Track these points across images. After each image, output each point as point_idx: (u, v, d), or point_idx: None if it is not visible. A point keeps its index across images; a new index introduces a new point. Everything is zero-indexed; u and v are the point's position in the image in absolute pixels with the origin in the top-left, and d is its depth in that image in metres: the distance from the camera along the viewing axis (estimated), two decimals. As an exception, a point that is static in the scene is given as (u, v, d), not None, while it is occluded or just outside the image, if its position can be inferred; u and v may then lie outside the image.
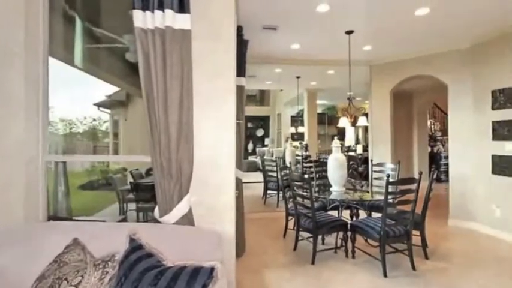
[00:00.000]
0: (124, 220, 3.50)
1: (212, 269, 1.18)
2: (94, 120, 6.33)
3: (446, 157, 5.51)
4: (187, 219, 1.81)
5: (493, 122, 3.63)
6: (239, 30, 2.93)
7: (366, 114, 5.43)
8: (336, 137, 4.07)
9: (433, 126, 8.48)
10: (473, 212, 3.91)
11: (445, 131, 7.81)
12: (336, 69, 5.30)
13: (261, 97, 13.40)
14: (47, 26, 2.06)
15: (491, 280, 2.52)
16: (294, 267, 2.83)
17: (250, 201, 5.46)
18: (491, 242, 3.45)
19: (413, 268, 2.70)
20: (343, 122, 4.09)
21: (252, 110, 12.58)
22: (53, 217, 2.35)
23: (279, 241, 3.57)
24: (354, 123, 4.06)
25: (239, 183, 2.89)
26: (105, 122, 6.31)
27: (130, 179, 4.03)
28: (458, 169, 4.10)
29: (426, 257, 2.95)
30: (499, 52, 3.48)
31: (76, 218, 2.85)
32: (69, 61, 3.22)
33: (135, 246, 1.35)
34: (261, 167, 6.52)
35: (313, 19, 3.17)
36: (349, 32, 3.53)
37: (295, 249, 3.21)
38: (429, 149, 7.42)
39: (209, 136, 1.96)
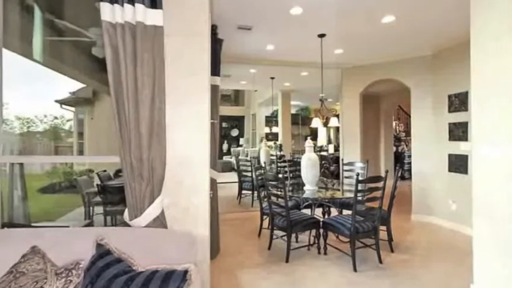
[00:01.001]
0: (90, 225, 3.30)
1: (185, 272, 1.16)
2: (56, 118, 5.88)
3: (410, 156, 5.90)
4: (160, 221, 1.75)
5: (450, 124, 3.95)
6: (213, 28, 2.90)
7: (338, 115, 5.64)
8: (309, 137, 4.18)
9: (397, 127, 9.02)
10: (433, 207, 4.23)
11: (408, 132, 8.37)
12: (309, 71, 5.44)
13: (236, 97, 13.38)
14: (0, 14, 1.88)
15: (448, 269, 2.74)
16: (268, 266, 2.86)
17: (225, 201, 5.42)
18: (449, 234, 3.75)
19: (380, 261, 2.85)
20: (316, 122, 4.21)
21: (226, 110, 12.51)
22: (8, 224, 2.15)
23: (253, 240, 3.58)
24: (326, 124, 4.20)
25: (214, 184, 2.86)
26: (68, 120, 5.89)
27: (97, 181, 3.81)
28: (419, 167, 4.41)
29: (392, 250, 3.14)
30: (456, 60, 3.80)
31: (35, 225, 2.63)
32: (28, 54, 2.97)
33: (103, 252, 1.28)
34: (235, 167, 6.50)
35: (287, 21, 3.22)
36: (321, 36, 3.65)
37: (269, 248, 3.25)
38: (394, 148, 7.89)
39: (183, 135, 1.92)
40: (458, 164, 3.83)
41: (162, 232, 1.68)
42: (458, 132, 3.82)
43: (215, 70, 2.86)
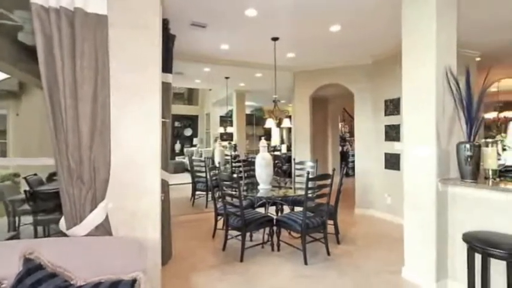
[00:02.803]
0: (15, 237, 2.86)
1: (133, 281, 1.08)
2: (-31, 113, 4.95)
3: (353, 155, 6.44)
4: (103, 228, 1.60)
5: (386, 126, 4.43)
6: (165, 23, 2.77)
7: (290, 117, 5.87)
8: (263, 138, 4.27)
9: (343, 129, 9.79)
10: (372, 201, 4.69)
11: (352, 133, 9.13)
12: (263, 73, 5.56)
13: (189, 96, 12.97)
14: None
15: (385, 255, 3.07)
16: (223, 267, 2.84)
17: (178, 203, 5.22)
18: (385, 224, 4.20)
19: (328, 253, 3.06)
20: (270, 123, 4.33)
21: (179, 109, 12.05)
22: None
23: (208, 242, 3.52)
24: (279, 125, 4.34)
25: (165, 186, 2.73)
26: (-14, 116, 5.01)
27: (25, 187, 3.31)
28: (361, 165, 4.85)
29: (338, 242, 3.39)
30: (391, 68, 4.27)
31: None
32: None
33: (32, 267, 1.12)
34: (189, 168, 6.30)
35: (242, 22, 3.24)
36: (275, 39, 3.76)
37: (224, 248, 3.23)
38: (340, 148, 8.54)
39: (131, 135, 1.79)
40: (393, 162, 4.32)
41: (106, 240, 1.54)
42: (393, 133, 4.31)
43: (167, 67, 2.73)
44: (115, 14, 1.70)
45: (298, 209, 3.58)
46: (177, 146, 12.42)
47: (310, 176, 2.87)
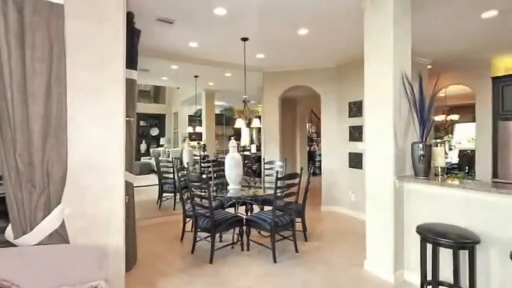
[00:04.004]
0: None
1: (94, 290, 1.01)
2: None
3: (320, 155, 6.70)
4: (59, 236, 1.48)
5: (350, 127, 4.68)
6: (129, 16, 2.63)
7: (260, 117, 5.92)
8: (233, 137, 4.25)
9: (310, 129, 10.13)
10: (338, 198, 4.92)
11: (319, 133, 9.48)
12: (233, 73, 5.53)
13: (156, 94, 12.46)
14: None
15: (349, 250, 3.23)
16: (192, 270, 2.77)
17: (144, 206, 4.99)
18: (350, 220, 4.43)
19: (296, 251, 3.14)
20: (239, 123, 4.32)
21: (145, 107, 11.51)
22: None
23: (176, 245, 3.41)
24: (249, 125, 4.35)
25: (129, 188, 2.59)
26: None
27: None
28: (328, 164, 5.06)
29: (306, 239, 3.50)
30: (354, 73, 4.51)
31: None
32: None
33: (-28, 282, 1.00)
34: (155, 169, 6.06)
35: (211, 20, 3.19)
36: (244, 39, 3.76)
37: (193, 251, 3.16)
38: (307, 148, 8.83)
39: (91, 134, 1.67)
40: (356, 161, 4.58)
41: (62, 248, 1.42)
42: (356, 134, 4.56)
43: (131, 63, 2.59)
44: (73, 4, 1.57)
45: (267, 208, 3.62)
46: (143, 146, 11.87)
47: (280, 176, 2.92)
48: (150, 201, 5.43)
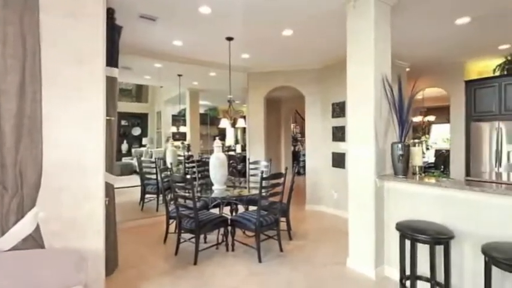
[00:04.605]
0: None
1: (71, 297, 0.97)
2: None
3: (304, 155, 6.80)
4: (33, 241, 1.41)
5: (333, 127, 4.77)
6: (110, 12, 2.55)
7: (245, 117, 5.92)
8: (217, 137, 4.22)
9: (295, 129, 10.25)
10: (321, 197, 5.01)
11: (303, 134, 9.61)
12: (217, 72, 5.49)
13: (138, 92, 12.14)
14: None
15: (332, 248, 3.30)
16: (175, 272, 2.73)
17: (125, 208, 4.85)
18: (333, 219, 4.52)
19: (281, 250, 3.17)
20: (224, 123, 4.30)
21: (127, 106, 11.19)
22: None
23: (159, 248, 3.34)
24: (233, 125, 4.34)
25: (110, 189, 2.50)
26: None
27: None
28: (312, 164, 5.14)
29: (290, 238, 3.54)
30: (337, 74, 4.61)
31: None
32: None
33: None
34: (138, 169, 5.90)
35: (195, 19, 3.15)
36: (229, 39, 3.74)
37: (176, 253, 3.11)
38: (292, 148, 8.92)
39: (68, 134, 1.60)
40: (339, 161, 4.68)
41: (37, 253, 1.36)
42: (339, 134, 4.66)
43: (112, 60, 2.51)
44: (48, -3, 1.50)
45: (252, 208, 3.63)
46: (124, 146, 11.53)
47: (264, 175, 2.93)
48: (132, 203, 5.29)
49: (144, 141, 11.61)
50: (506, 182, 4.15)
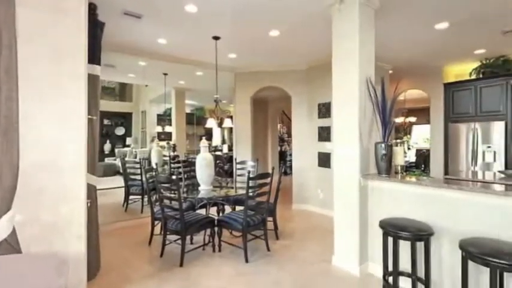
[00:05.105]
0: None
1: (51, 303, 0.93)
2: None
3: (291, 154, 6.85)
4: (8, 246, 1.34)
5: (319, 128, 4.84)
6: (92, 8, 2.47)
7: (231, 117, 5.90)
8: (204, 137, 4.18)
9: (281, 129, 10.31)
10: (308, 197, 5.07)
11: (290, 134, 9.69)
12: (204, 71, 5.44)
13: (122, 91, 11.83)
14: None
15: (318, 246, 3.35)
16: (161, 274, 2.68)
17: (108, 210, 4.72)
18: (319, 218, 4.58)
19: (268, 249, 3.18)
20: (211, 123, 4.27)
21: (110, 105, 10.88)
22: None
23: (143, 250, 3.27)
24: (220, 125, 4.31)
25: (92, 191, 2.42)
26: None
27: None
28: (298, 164, 5.19)
29: (277, 238, 3.56)
30: (323, 75, 4.68)
31: None
32: None
33: None
34: (121, 170, 5.75)
35: (181, 17, 3.11)
36: (216, 38, 3.72)
37: (162, 255, 3.05)
38: (279, 148, 8.98)
39: (48, 134, 1.54)
40: (325, 160, 4.75)
41: (13, 259, 1.30)
42: (325, 134, 4.74)
43: (94, 57, 2.43)
44: (25, -10, 1.44)
45: (239, 208, 3.62)
46: (107, 146, 11.20)
47: (251, 175, 2.93)
48: (115, 204, 5.15)
49: (128, 141, 11.33)
50: (482, 180, 4.36)
